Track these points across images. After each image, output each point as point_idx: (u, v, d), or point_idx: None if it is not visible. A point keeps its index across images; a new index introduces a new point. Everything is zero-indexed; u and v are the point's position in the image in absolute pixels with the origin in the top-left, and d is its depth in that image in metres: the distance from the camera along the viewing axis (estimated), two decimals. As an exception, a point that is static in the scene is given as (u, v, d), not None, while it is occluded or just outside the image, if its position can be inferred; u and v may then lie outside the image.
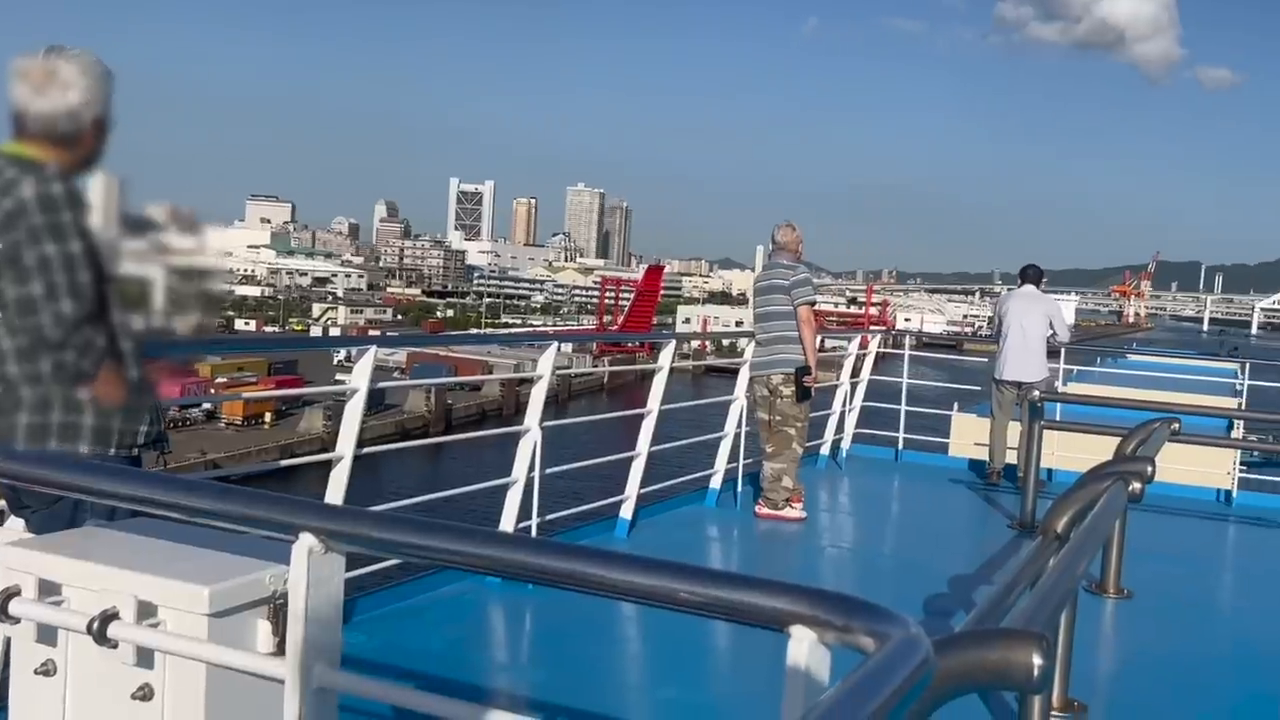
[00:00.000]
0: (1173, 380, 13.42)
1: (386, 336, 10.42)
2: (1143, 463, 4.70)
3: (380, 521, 1.68)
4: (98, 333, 2.96)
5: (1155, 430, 6.37)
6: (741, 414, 8.40)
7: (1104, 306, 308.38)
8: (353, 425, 4.96)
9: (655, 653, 5.08)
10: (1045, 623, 2.44)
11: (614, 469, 7.40)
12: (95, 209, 3.11)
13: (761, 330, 8.04)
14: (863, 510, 9.53)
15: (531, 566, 1.55)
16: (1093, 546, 3.51)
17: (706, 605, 1.44)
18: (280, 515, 1.69)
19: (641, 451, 7.21)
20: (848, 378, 10.66)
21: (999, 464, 10.03)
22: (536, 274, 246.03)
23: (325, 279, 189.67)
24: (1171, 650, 5.56)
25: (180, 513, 1.81)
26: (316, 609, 1.69)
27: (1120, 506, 4.39)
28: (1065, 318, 10.77)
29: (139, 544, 2.27)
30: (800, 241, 8.23)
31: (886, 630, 1.27)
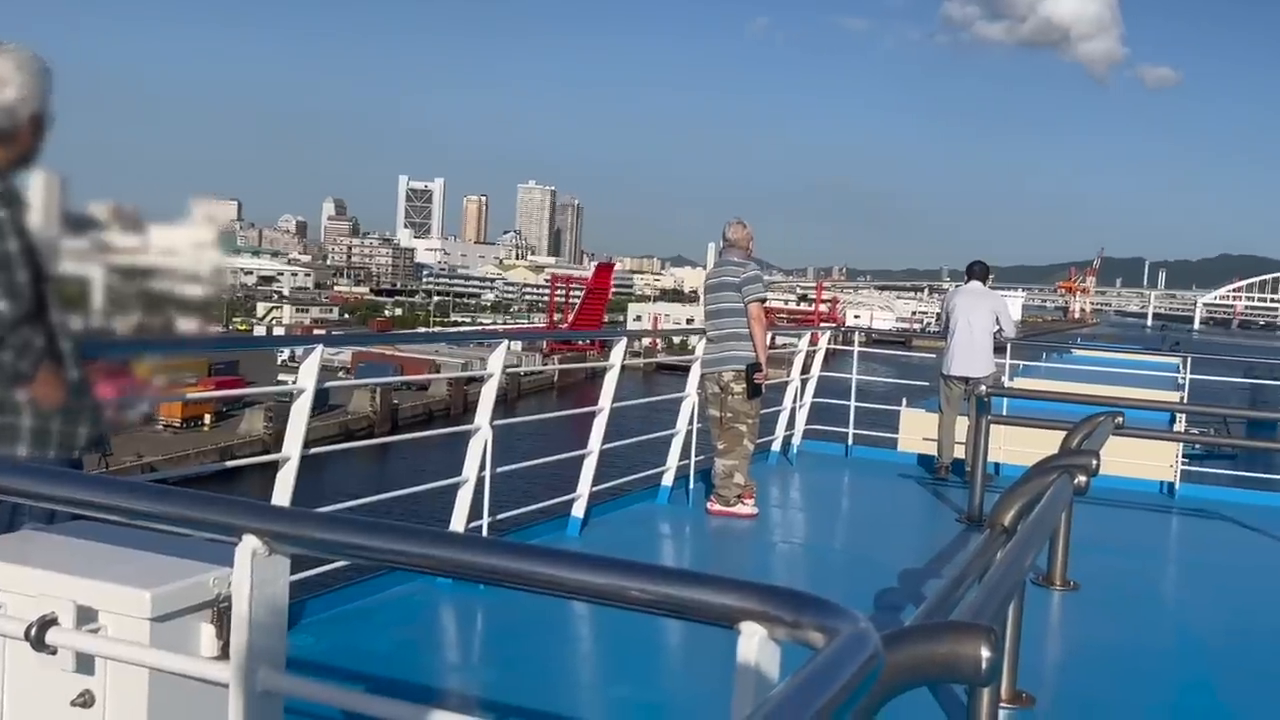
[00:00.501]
0: (1117, 375, 13.64)
1: (333, 335, 10.35)
2: (1087, 456, 4.78)
3: (324, 522, 1.66)
4: (36, 333, 2.90)
5: (1100, 424, 6.47)
6: (693, 411, 8.42)
7: (1050, 302, 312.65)
8: (299, 426, 4.90)
9: (608, 651, 5.08)
10: (993, 615, 2.46)
11: (566, 467, 7.38)
12: (36, 207, 3.05)
13: (713, 327, 8.06)
14: (814, 506, 9.59)
15: (479, 566, 1.53)
16: (1039, 539, 3.55)
17: (657, 603, 1.44)
18: (222, 517, 1.66)
19: (593, 449, 7.20)
20: (798, 374, 10.73)
21: (947, 459, 10.14)
22: (487, 272, 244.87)
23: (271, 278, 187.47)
24: (1117, 641, 5.65)
25: (120, 515, 1.77)
26: (260, 612, 1.66)
27: (1066, 499, 4.45)
28: (1011, 314, 10.91)
29: (79, 548, 2.22)
30: (751, 239, 8.26)
31: (835, 625, 1.28)
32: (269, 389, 23.58)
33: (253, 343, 45.40)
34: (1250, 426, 19.22)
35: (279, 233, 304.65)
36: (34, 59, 3.04)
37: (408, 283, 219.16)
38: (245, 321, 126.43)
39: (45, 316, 2.95)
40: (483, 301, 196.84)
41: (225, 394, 50.41)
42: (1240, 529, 8.76)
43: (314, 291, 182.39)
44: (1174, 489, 10.10)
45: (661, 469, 8.39)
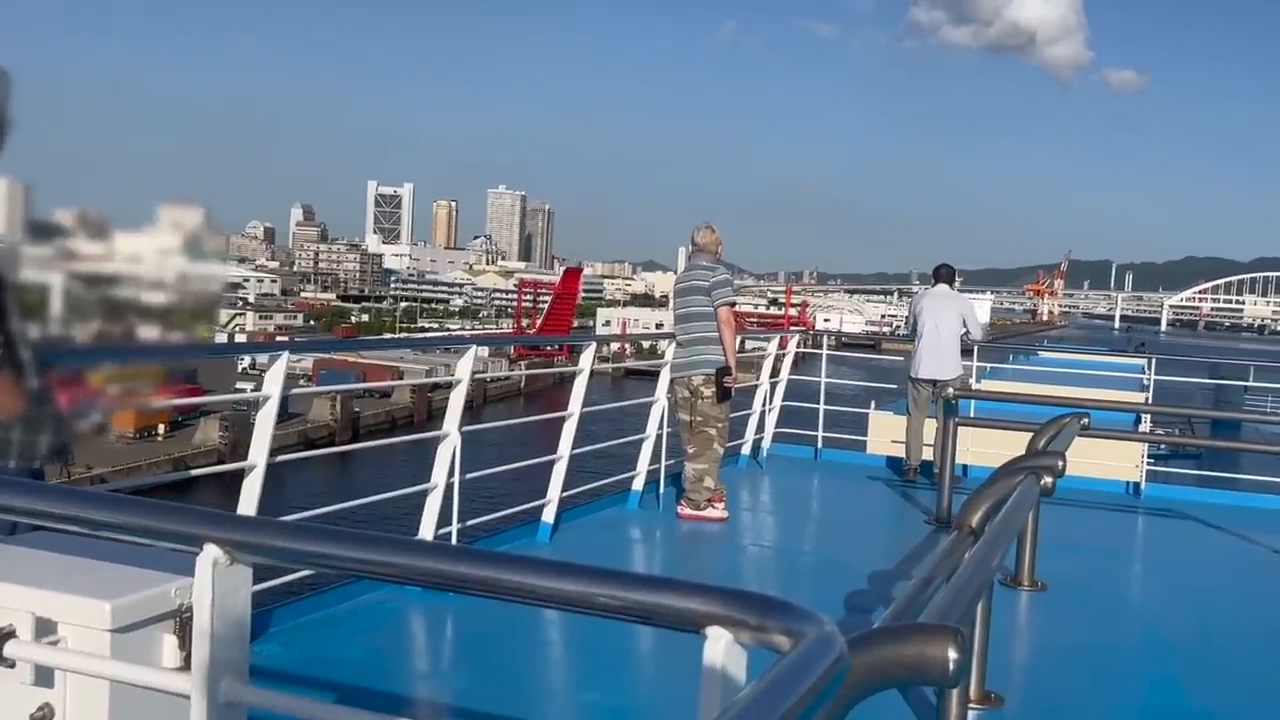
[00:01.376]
0: (1083, 376, 13.78)
1: (295, 342, 10.15)
2: (1053, 457, 4.81)
3: (287, 531, 1.64)
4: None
5: (1066, 425, 6.53)
6: (663, 415, 8.42)
7: (1019, 305, 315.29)
8: (265, 433, 4.86)
9: (578, 657, 5.06)
10: (960, 616, 2.47)
11: (535, 473, 7.37)
12: None
13: (682, 331, 8.07)
14: (784, 509, 9.61)
15: (445, 574, 1.52)
16: (1006, 540, 3.57)
17: (623, 609, 1.43)
18: (183, 526, 1.64)
19: (563, 454, 7.18)
20: (767, 378, 10.76)
21: (916, 461, 10.19)
22: (456, 277, 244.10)
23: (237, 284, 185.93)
24: (1085, 640, 5.69)
25: (79, 525, 1.74)
26: (223, 622, 1.64)
27: (1032, 500, 4.48)
28: (978, 316, 10.98)
29: (37, 559, 2.19)
30: (720, 243, 8.28)
31: (801, 628, 1.27)
32: (231, 396, 23.06)
33: (217, 350, 44.47)
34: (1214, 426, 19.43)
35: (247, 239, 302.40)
36: None
37: (375, 288, 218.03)
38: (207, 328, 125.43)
39: (4, 324, 2.91)
40: (451, 307, 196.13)
41: (187, 402, 49.39)
42: (1205, 528, 8.85)
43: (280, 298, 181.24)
44: (1140, 489, 10.20)
45: (632, 474, 8.38)
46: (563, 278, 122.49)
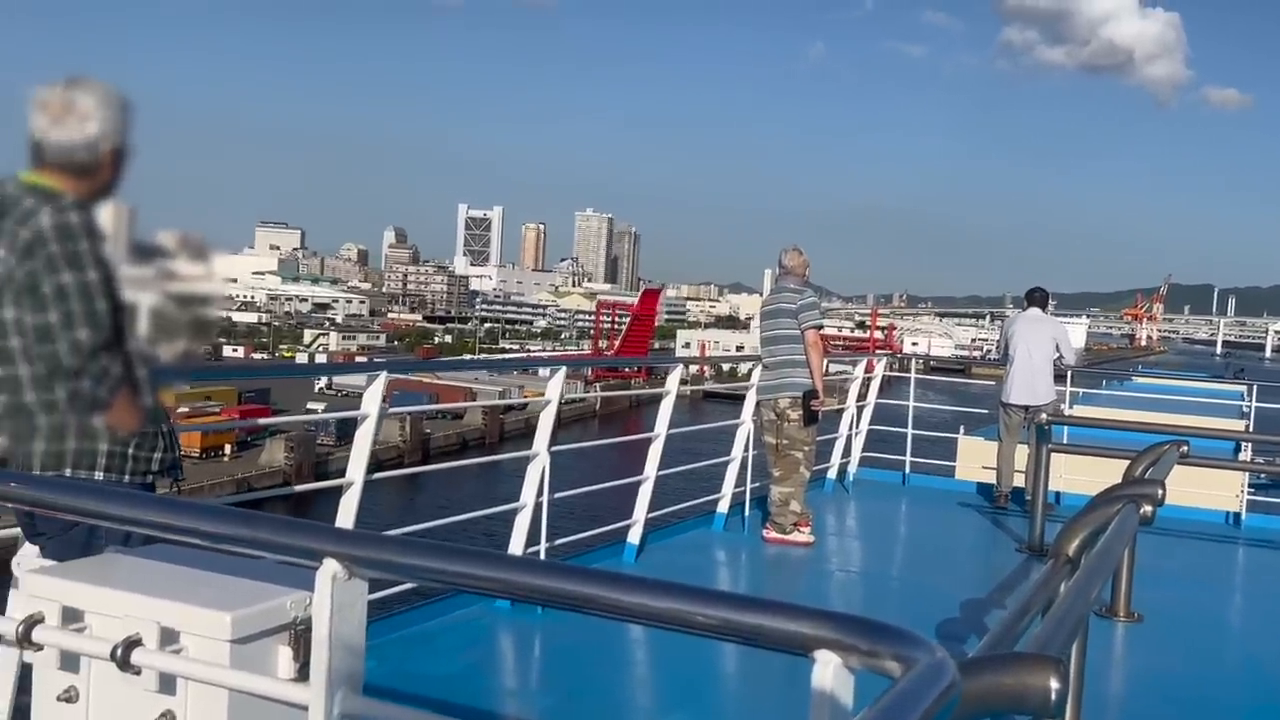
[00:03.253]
0: (1179, 403, 13.43)
1: (394, 362, 10.41)
2: (1153, 485, 4.70)
3: (402, 547, 1.70)
4: (114, 360, 2.98)
5: (1164, 453, 6.37)
6: (748, 438, 8.41)
7: (1116, 330, 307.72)
8: (364, 451, 4.97)
9: (667, 678, 5.07)
10: (1060, 648, 2.44)
11: (619, 494, 7.41)
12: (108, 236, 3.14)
13: (769, 354, 8.06)
14: (871, 534, 9.52)
15: (556, 591, 1.56)
16: (1104, 570, 3.51)
17: (729, 629, 1.45)
18: (305, 541, 1.71)
19: (649, 475, 7.21)
20: (854, 401, 10.68)
21: (1007, 487, 10.02)
22: (541, 299, 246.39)
23: (326, 305, 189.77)
24: (1183, 673, 5.55)
25: (206, 539, 1.82)
26: (340, 634, 1.70)
27: (1131, 530, 4.38)
28: (1072, 340, 10.79)
29: (160, 570, 2.28)
30: (807, 265, 8.26)
31: (913, 654, 1.28)
32: (296, 418, 23.46)
33: (302, 370, 45.07)
34: (1319, 456, 18.73)
35: (341, 260, 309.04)
36: (115, 94, 3.13)
37: (461, 310, 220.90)
38: (291, 348, 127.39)
39: (123, 344, 3.03)
40: (534, 329, 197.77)
41: (277, 420, 49.78)
42: None
43: (367, 319, 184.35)
44: (1240, 519, 9.90)
45: (717, 496, 8.38)
46: (641, 299, 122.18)
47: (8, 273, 2.91)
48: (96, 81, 3.15)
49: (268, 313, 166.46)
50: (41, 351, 2.91)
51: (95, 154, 3.07)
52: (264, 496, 6.33)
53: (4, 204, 2.98)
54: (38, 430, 2.98)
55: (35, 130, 3.04)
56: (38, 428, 2.98)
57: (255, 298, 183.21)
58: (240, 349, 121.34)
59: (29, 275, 2.89)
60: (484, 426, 68.99)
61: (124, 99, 3.16)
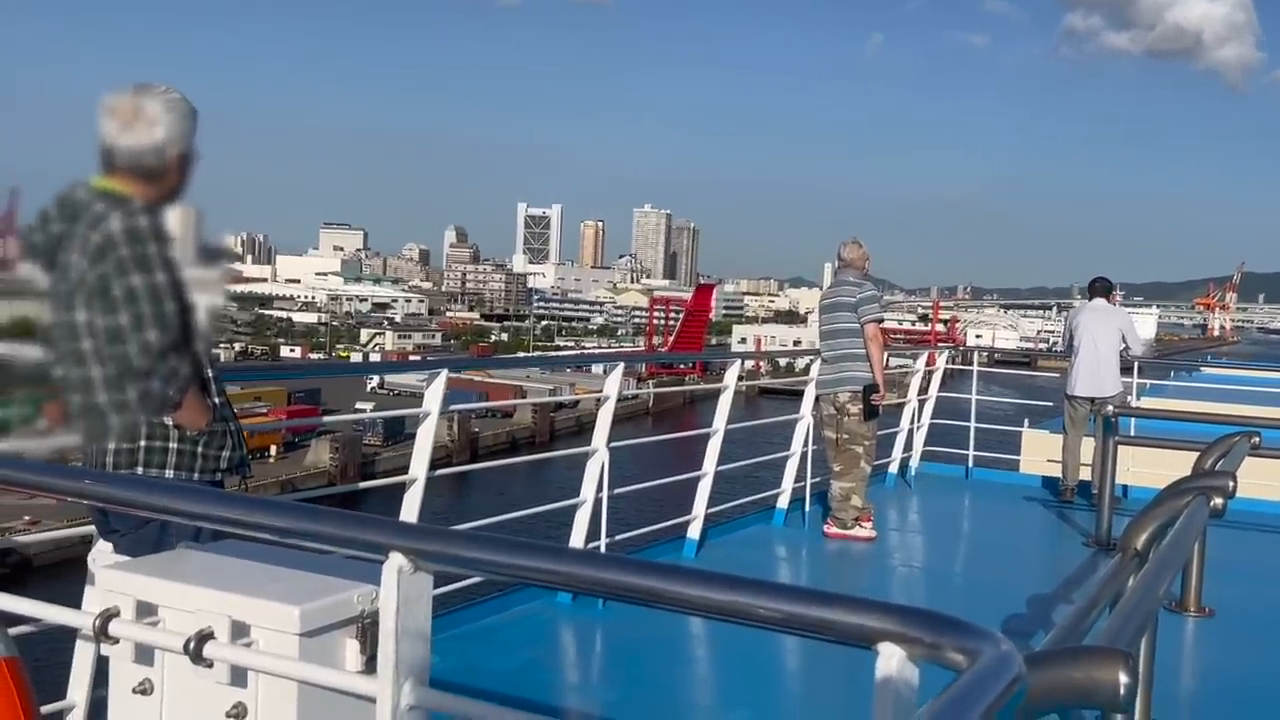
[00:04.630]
0: (1250, 393, 13.11)
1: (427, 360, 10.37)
2: (1224, 477, 4.60)
3: (468, 541, 1.71)
4: (182, 361, 3.04)
5: (1235, 444, 6.23)
6: (808, 432, 8.36)
7: (1188, 320, 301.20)
8: (425, 447, 5.03)
9: (728, 671, 5.07)
10: (1129, 642, 2.41)
11: (677, 490, 7.41)
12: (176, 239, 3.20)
13: (828, 348, 8.01)
14: (933, 529, 9.43)
15: (619, 584, 1.57)
16: (1174, 564, 3.45)
17: (790, 622, 1.45)
18: (371, 535, 1.73)
19: (708, 471, 7.21)
20: (915, 395, 10.58)
21: (1072, 481, 9.87)
22: (598, 296, 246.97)
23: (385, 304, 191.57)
24: (1255, 669, 5.43)
25: (274, 534, 1.85)
26: (407, 627, 1.72)
27: (1201, 523, 4.30)
28: (1138, 330, 10.59)
29: (229, 565, 2.33)
30: (867, 258, 8.19)
31: (978, 647, 1.27)
32: (340, 418, 23.65)
33: (356, 369, 44.77)
34: (1397, 446, 18.19)
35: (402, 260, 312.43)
36: (182, 101, 3.20)
37: (519, 307, 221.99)
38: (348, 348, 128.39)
39: (191, 345, 3.09)
40: (590, 325, 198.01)
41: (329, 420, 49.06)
42: None
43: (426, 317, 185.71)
44: None
45: (777, 491, 8.35)
46: (695, 294, 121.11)
47: (80, 276, 2.98)
48: (165, 88, 3.22)
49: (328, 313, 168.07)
50: (113, 353, 2.98)
51: (163, 159, 3.14)
52: (333, 493, 6.44)
53: (75, 209, 3.05)
54: (110, 430, 3.06)
55: (105, 136, 3.11)
56: (110, 427, 3.05)
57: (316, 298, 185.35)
58: (297, 349, 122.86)
59: (100, 278, 2.96)
60: (534, 425, 68.48)
61: (190, 105, 3.22)
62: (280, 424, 38.57)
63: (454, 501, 37.57)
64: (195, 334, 3.12)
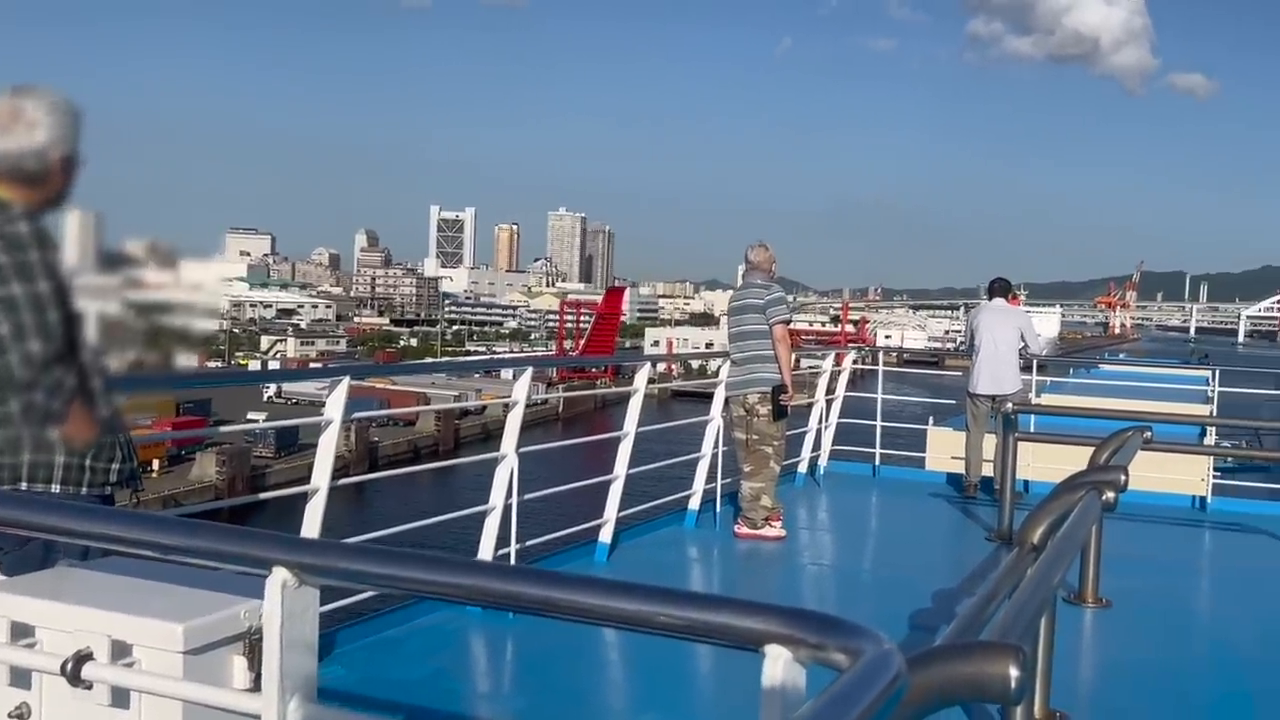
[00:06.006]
0: (1145, 389, 13.56)
1: (327, 368, 9.98)
2: (1116, 472, 4.74)
3: (354, 553, 1.68)
4: (67, 372, 2.94)
5: (1128, 439, 6.43)
6: (718, 434, 8.42)
7: (1090, 318, 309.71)
8: (327, 457, 4.94)
9: (637, 677, 5.07)
10: (1022, 633, 2.46)
11: (590, 494, 7.39)
12: (71, 246, 3.10)
13: (737, 350, 8.08)
14: (842, 527, 9.55)
15: (508, 595, 1.55)
16: (1068, 556, 3.53)
17: (683, 628, 1.45)
18: (253, 550, 1.69)
19: (619, 475, 7.21)
20: (823, 395, 10.72)
21: (975, 477, 10.09)
22: (513, 300, 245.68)
23: (291, 310, 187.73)
24: (1151, 657, 5.59)
25: (152, 550, 1.80)
26: (292, 643, 1.68)
27: (1094, 516, 4.42)
28: (1036, 329, 10.86)
29: (112, 583, 2.26)
30: (773, 260, 8.28)
31: (859, 646, 1.28)
32: (232, 428, 22.94)
33: (271, 376, 43.63)
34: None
35: (312, 265, 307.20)
36: (64, 102, 3.09)
37: (430, 312, 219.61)
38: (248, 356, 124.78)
39: (76, 355, 2.99)
40: (503, 330, 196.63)
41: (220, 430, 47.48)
42: (1274, 541, 8.66)
43: (333, 323, 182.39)
44: (1205, 503, 10.00)
45: (687, 493, 8.39)
46: (605, 297, 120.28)
47: None
48: (45, 89, 3.10)
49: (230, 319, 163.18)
50: None
51: (44, 163, 3.03)
52: (234, 504, 6.29)
53: None
54: None
55: None
56: None
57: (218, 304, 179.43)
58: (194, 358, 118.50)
59: None
60: (437, 432, 66.07)
61: (74, 107, 3.12)
62: (165, 435, 36.52)
63: (354, 512, 36.47)
64: (81, 344, 3.02)
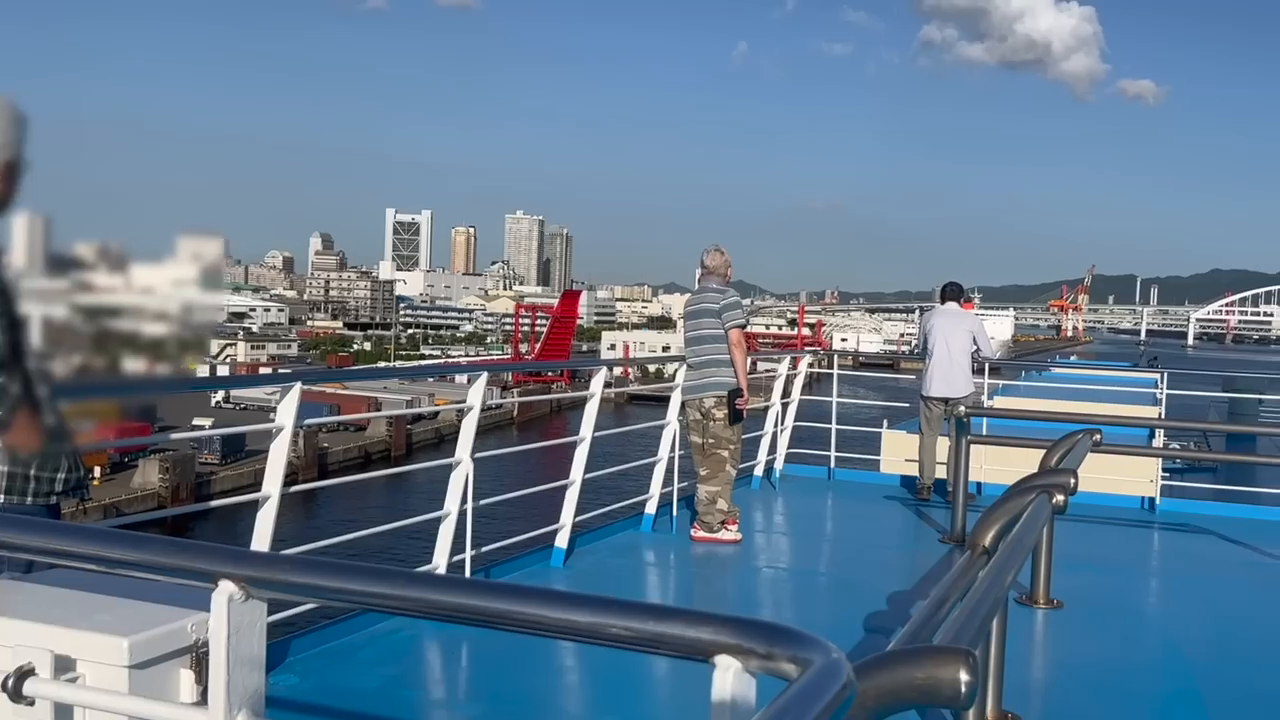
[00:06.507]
0: (1096, 392, 13.75)
1: (277, 374, 9.89)
2: (1065, 475, 4.80)
3: (301, 566, 1.66)
4: (11, 379, 2.89)
5: (1078, 442, 6.51)
6: (675, 438, 8.42)
7: (1043, 321, 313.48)
8: (279, 464, 4.89)
9: (591, 686, 5.05)
10: (973, 637, 2.48)
11: (547, 499, 7.37)
12: (18, 250, 3.04)
13: (693, 354, 8.09)
14: (797, 530, 9.59)
15: (454, 607, 1.54)
16: (1018, 559, 3.57)
17: (632, 639, 1.44)
18: (198, 563, 1.66)
19: (575, 480, 7.19)
20: (779, 399, 10.76)
21: (929, 479, 10.17)
22: (469, 303, 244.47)
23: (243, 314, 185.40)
24: (1102, 657, 5.66)
25: (96, 563, 1.76)
26: (239, 656, 1.65)
27: (1045, 518, 4.47)
28: (988, 333, 10.98)
29: (55, 596, 2.21)
30: (729, 265, 8.30)
31: (808, 656, 1.28)
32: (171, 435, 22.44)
33: (216, 383, 42.60)
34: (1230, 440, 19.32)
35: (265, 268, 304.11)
36: (6, 105, 3.04)
37: (385, 316, 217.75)
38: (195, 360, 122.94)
39: (21, 362, 2.93)
40: (459, 333, 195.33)
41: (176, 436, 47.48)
42: (1222, 542, 8.80)
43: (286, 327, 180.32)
44: (1155, 504, 10.15)
45: (644, 497, 8.39)
46: (561, 301, 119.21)
47: None
48: None
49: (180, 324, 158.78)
50: None
51: None
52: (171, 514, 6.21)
53: None
54: None
55: None
56: None
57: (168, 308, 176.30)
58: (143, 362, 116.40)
59: None
60: (389, 438, 65.12)
61: (18, 111, 3.06)
62: (108, 443, 35.71)
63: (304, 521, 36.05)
64: (27, 350, 2.96)
